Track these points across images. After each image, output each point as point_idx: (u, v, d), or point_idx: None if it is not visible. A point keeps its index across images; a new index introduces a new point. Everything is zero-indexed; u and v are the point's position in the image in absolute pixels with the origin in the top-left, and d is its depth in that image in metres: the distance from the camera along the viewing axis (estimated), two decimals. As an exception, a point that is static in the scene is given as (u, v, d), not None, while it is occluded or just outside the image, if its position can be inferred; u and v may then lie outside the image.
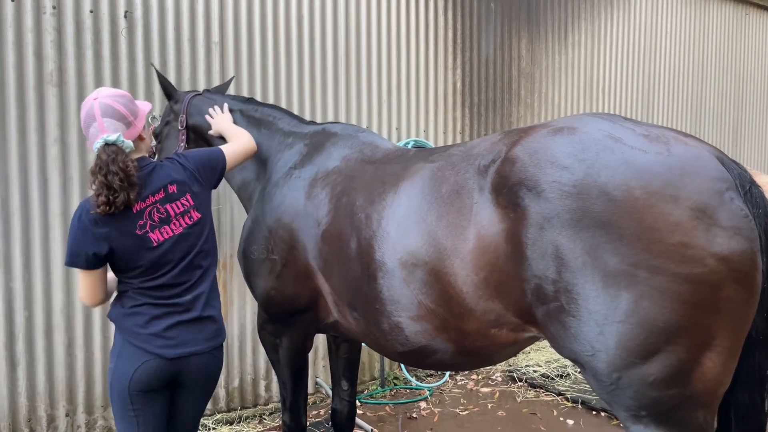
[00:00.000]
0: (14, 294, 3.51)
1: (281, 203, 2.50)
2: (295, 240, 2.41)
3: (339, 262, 2.21)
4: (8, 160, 3.46)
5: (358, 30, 4.67)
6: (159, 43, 3.89)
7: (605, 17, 6.39)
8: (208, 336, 2.23)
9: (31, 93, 3.51)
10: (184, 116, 3.09)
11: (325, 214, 2.31)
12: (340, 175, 2.37)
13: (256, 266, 2.55)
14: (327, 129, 2.67)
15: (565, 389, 4.76)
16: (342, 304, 2.27)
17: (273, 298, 2.51)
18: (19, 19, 3.46)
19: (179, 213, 2.21)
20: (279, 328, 2.58)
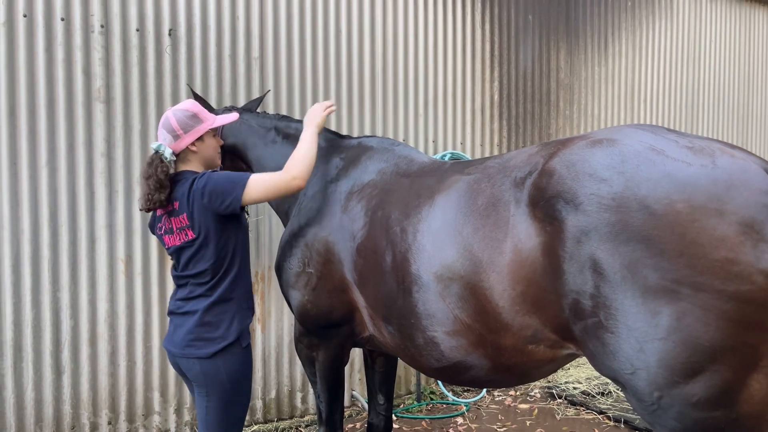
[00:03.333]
0: (61, 303, 3.63)
1: (317, 217, 2.52)
2: (330, 253, 2.43)
3: (374, 275, 2.21)
4: (57, 173, 3.59)
5: (395, 43, 4.70)
6: (201, 59, 3.99)
7: (647, 26, 6.28)
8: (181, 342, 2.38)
9: (79, 109, 3.64)
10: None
11: (360, 228, 2.31)
12: (376, 189, 2.38)
13: (292, 279, 2.57)
14: (363, 143, 2.69)
15: (606, 407, 4.64)
16: (377, 318, 2.27)
17: (309, 312, 2.53)
18: (68, 38, 3.61)
19: (178, 228, 2.41)
20: (315, 341, 2.59)
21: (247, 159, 3.12)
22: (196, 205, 2.34)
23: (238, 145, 3.13)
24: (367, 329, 2.44)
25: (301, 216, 2.61)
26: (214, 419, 2.38)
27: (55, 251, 3.60)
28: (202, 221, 2.35)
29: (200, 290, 2.40)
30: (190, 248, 2.39)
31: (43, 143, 3.55)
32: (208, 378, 2.36)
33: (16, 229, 3.49)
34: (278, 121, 3.10)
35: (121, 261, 3.77)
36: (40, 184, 3.55)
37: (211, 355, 2.34)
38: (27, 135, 3.51)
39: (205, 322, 2.38)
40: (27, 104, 3.50)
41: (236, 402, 2.41)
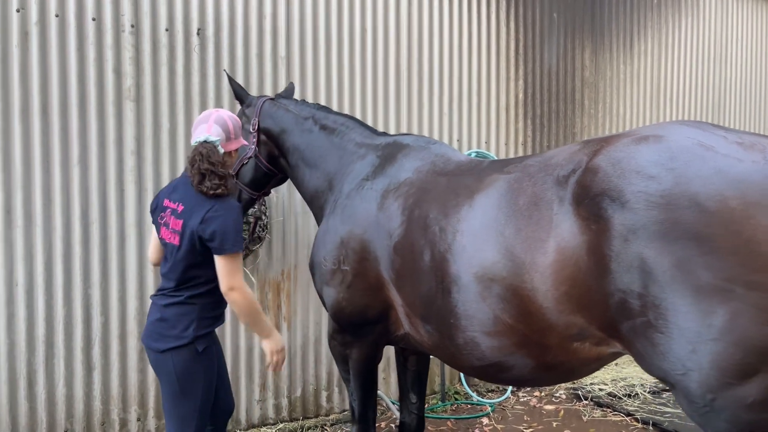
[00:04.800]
0: (92, 300, 3.66)
1: (353, 214, 2.51)
2: (366, 251, 2.42)
3: (412, 274, 2.20)
4: (89, 171, 3.62)
5: (420, 42, 4.69)
6: (229, 58, 4.00)
7: (672, 25, 6.20)
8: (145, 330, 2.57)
9: (110, 108, 3.67)
10: (257, 119, 3.15)
11: (397, 226, 2.30)
12: (412, 187, 2.36)
13: (327, 276, 2.56)
14: (398, 140, 2.68)
15: (634, 409, 4.59)
16: (414, 316, 2.26)
17: (343, 309, 2.52)
18: (99, 37, 3.64)
19: (172, 228, 2.51)
20: (349, 339, 2.58)
21: (281, 144, 3.10)
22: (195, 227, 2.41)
23: (274, 130, 3.12)
24: (402, 327, 2.43)
25: (337, 213, 2.60)
26: (167, 408, 2.56)
27: (86, 249, 3.63)
28: (190, 240, 2.44)
29: (168, 287, 2.53)
30: (176, 249, 2.50)
31: (75, 141, 3.58)
32: (159, 370, 2.53)
33: (48, 226, 3.53)
34: (317, 110, 3.09)
35: (150, 259, 3.78)
36: (72, 181, 3.58)
37: (162, 351, 2.48)
38: (59, 133, 3.54)
39: (164, 318, 2.51)
40: (59, 103, 3.54)
41: (186, 399, 2.51)
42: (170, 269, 2.50)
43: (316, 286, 2.72)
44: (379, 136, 2.84)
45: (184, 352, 2.46)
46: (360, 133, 2.86)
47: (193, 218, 2.41)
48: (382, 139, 2.76)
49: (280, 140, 3.10)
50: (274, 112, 3.14)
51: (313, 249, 2.71)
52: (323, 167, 2.89)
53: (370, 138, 2.82)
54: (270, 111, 3.16)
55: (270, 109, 3.17)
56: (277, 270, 4.19)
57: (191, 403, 2.52)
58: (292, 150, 3.05)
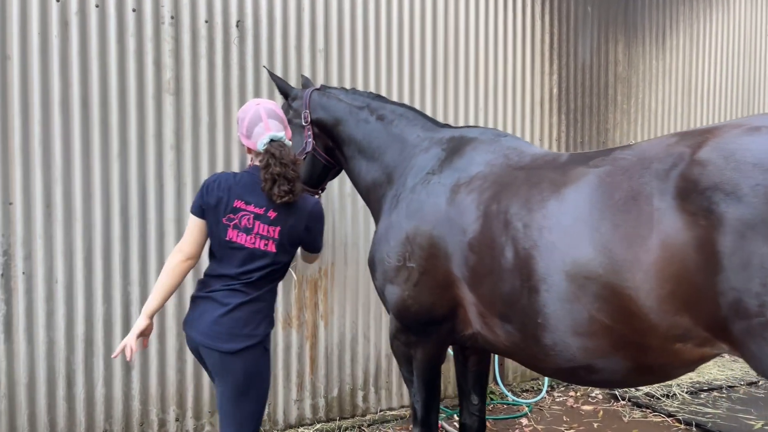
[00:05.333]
0: (131, 298, 3.57)
1: (420, 209, 2.42)
2: (435, 248, 2.33)
3: (491, 272, 2.12)
4: (128, 166, 3.54)
5: (456, 35, 4.60)
6: (267, 51, 3.91)
7: (704, 19, 6.11)
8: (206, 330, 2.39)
9: (150, 101, 3.58)
10: (307, 111, 3.04)
11: (472, 222, 2.21)
12: (486, 181, 2.27)
13: (390, 274, 2.48)
14: (465, 133, 2.58)
15: (674, 410, 4.50)
16: (491, 316, 2.17)
17: (409, 308, 2.43)
18: (139, 29, 3.55)
19: (260, 234, 2.41)
20: (413, 338, 2.50)
21: (336, 136, 3.00)
22: (294, 231, 2.43)
23: (327, 121, 3.02)
24: (471, 327, 2.34)
25: (400, 208, 2.51)
26: (227, 410, 2.42)
27: (125, 245, 3.54)
28: (288, 244, 2.45)
29: (238, 285, 2.41)
30: (262, 256, 2.42)
31: (115, 135, 3.50)
32: (224, 371, 2.39)
33: (88, 222, 3.44)
34: (372, 99, 2.98)
35: (189, 255, 3.70)
36: (112, 176, 3.50)
37: (234, 351, 2.36)
38: (99, 126, 3.46)
39: (236, 317, 2.39)
40: (99, 95, 3.45)
41: (249, 401, 2.43)
42: (247, 271, 2.40)
43: (376, 283, 2.64)
44: (442, 127, 2.74)
45: (255, 351, 2.39)
46: (421, 125, 2.76)
47: (295, 226, 2.43)
48: (446, 132, 2.67)
49: (335, 131, 3.00)
50: (325, 102, 3.04)
51: (374, 245, 2.62)
52: (382, 159, 2.80)
53: (433, 130, 2.72)
54: (320, 101, 3.05)
55: (320, 99, 3.06)
56: (314, 267, 4.11)
57: (253, 405, 2.44)
58: (347, 141, 2.96)
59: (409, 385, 2.62)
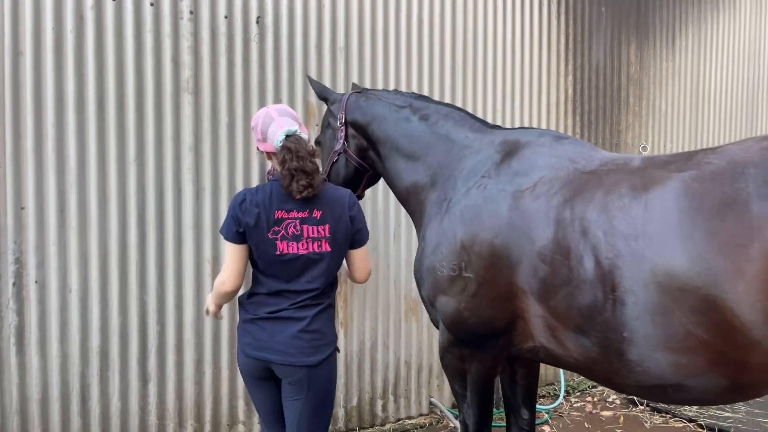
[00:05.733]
0: (148, 308, 3.40)
1: (477, 216, 2.29)
2: (497, 257, 2.21)
3: (566, 283, 2.01)
4: (145, 168, 3.36)
5: (475, 35, 4.50)
6: (288, 48, 3.76)
7: (711, 21, 6.10)
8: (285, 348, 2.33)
9: (168, 100, 3.41)
10: (343, 113, 2.93)
11: (541, 230, 2.10)
12: (553, 187, 2.16)
13: (443, 285, 2.35)
14: (520, 136, 2.45)
15: (694, 415, 4.46)
16: (564, 329, 2.06)
17: (465, 320, 2.31)
18: (157, 24, 3.37)
19: (311, 237, 2.35)
20: (467, 351, 2.38)
21: (370, 134, 2.87)
22: (342, 223, 2.40)
23: (361, 120, 2.90)
24: (533, 340, 2.23)
25: (453, 214, 2.38)
26: (308, 423, 2.37)
27: (142, 253, 3.37)
28: (341, 239, 2.41)
29: (306, 298, 2.36)
30: (317, 259, 2.37)
31: (132, 136, 3.32)
32: (313, 383, 2.35)
33: (103, 228, 3.26)
34: (414, 99, 2.85)
35: (208, 262, 3.54)
36: (128, 180, 3.32)
37: (319, 362, 2.34)
38: (115, 127, 3.28)
39: (314, 329, 2.37)
40: (115, 95, 3.27)
41: (329, 404, 2.45)
42: (311, 279, 2.34)
43: (423, 293, 2.51)
44: (492, 128, 2.60)
45: (333, 355, 2.42)
46: (470, 126, 2.63)
47: (342, 217, 2.39)
48: (499, 133, 2.54)
49: (369, 130, 2.87)
50: (363, 102, 2.92)
51: (422, 253, 2.48)
52: (425, 160, 2.66)
53: (482, 131, 2.59)
54: (357, 103, 2.94)
55: (357, 101, 2.95)
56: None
57: (331, 407, 2.46)
58: (383, 139, 2.82)
59: (460, 400, 2.50)
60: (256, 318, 2.37)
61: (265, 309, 2.34)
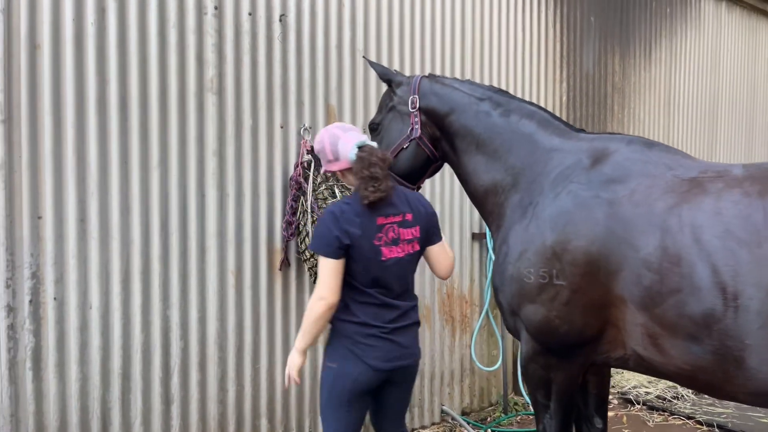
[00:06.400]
0: (171, 323, 3.16)
1: (569, 222, 2.25)
2: (594, 265, 2.18)
3: (676, 291, 1.99)
4: (169, 173, 3.13)
5: (482, 42, 4.49)
6: (309, 49, 3.62)
7: (681, 35, 6.40)
8: (413, 351, 2.53)
9: (192, 100, 3.19)
10: (416, 96, 2.76)
11: (645, 238, 2.08)
12: (652, 194, 2.14)
13: (532, 292, 2.29)
14: (609, 142, 2.41)
15: (690, 412, 4.63)
16: (670, 337, 2.04)
17: (556, 328, 2.27)
18: (181, 20, 3.15)
19: (407, 240, 2.45)
20: (553, 361, 2.33)
21: (447, 126, 2.73)
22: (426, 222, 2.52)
23: (439, 110, 2.74)
24: (624, 348, 2.21)
25: (541, 219, 2.32)
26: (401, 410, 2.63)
27: (165, 264, 3.13)
28: (426, 237, 2.53)
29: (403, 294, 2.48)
30: (410, 260, 2.47)
31: (155, 139, 3.08)
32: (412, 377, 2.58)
33: (126, 238, 3.01)
34: (494, 93, 2.72)
35: (232, 273, 3.34)
36: (152, 187, 3.07)
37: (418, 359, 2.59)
38: (138, 130, 3.03)
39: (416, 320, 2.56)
40: (139, 94, 3.02)
41: None
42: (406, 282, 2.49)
43: (504, 301, 2.43)
44: (578, 132, 2.56)
45: None
46: (555, 127, 2.55)
47: (426, 219, 2.51)
48: (585, 138, 2.50)
49: (447, 120, 2.72)
50: (439, 89, 2.77)
51: (505, 260, 2.41)
52: (506, 159, 2.57)
53: (568, 134, 2.53)
54: (432, 88, 2.77)
55: (431, 86, 2.78)
56: (353, 282, 3.83)
57: None
58: (462, 133, 2.69)
59: (541, 410, 2.44)
60: (380, 331, 2.38)
61: (381, 319, 2.38)
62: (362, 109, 3.85)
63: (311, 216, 3.34)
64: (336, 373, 2.38)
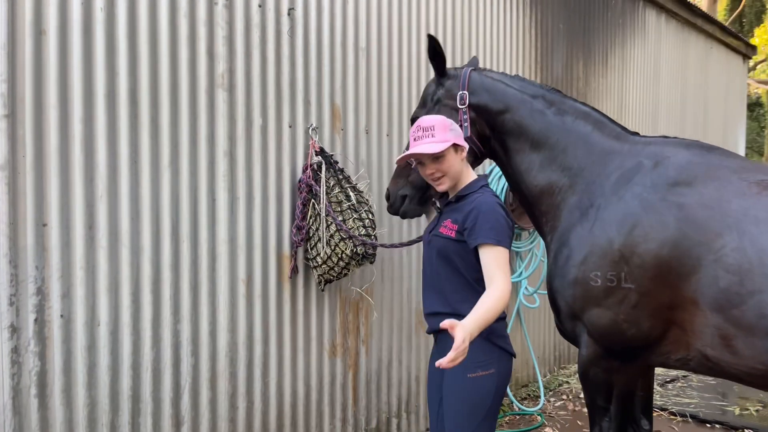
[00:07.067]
0: (181, 338, 2.91)
1: (636, 225, 2.25)
2: (664, 268, 2.19)
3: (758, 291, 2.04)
4: (180, 175, 2.88)
5: (470, 42, 4.50)
6: (316, 45, 3.46)
7: (630, 44, 6.72)
8: None
9: (203, 97, 2.96)
10: (465, 92, 2.66)
11: (721, 240, 2.11)
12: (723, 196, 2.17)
13: (599, 296, 2.28)
14: (667, 145, 2.43)
15: (662, 403, 4.85)
16: (746, 337, 2.08)
17: (624, 332, 2.27)
18: (192, 9, 2.91)
19: None
20: (616, 364, 2.34)
21: (499, 124, 2.67)
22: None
23: (492, 107, 2.66)
24: (687, 349, 2.25)
25: (606, 222, 2.31)
26: None
27: (176, 273, 2.88)
28: None
29: None
30: None
31: (166, 138, 2.82)
32: None
33: (136, 246, 2.73)
34: (547, 91, 2.67)
35: (242, 282, 3.13)
36: (162, 189, 2.82)
37: None
38: (149, 127, 2.76)
39: None
40: (149, 88, 2.76)
41: None
42: None
43: (568, 305, 2.39)
44: (632, 134, 2.56)
45: None
46: (611, 129, 2.55)
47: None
48: (642, 141, 2.50)
49: (500, 119, 2.65)
50: (490, 84, 2.68)
51: (568, 263, 2.38)
52: (562, 159, 2.54)
53: (625, 137, 2.53)
54: (484, 84, 2.68)
55: (482, 81, 2.69)
56: (356, 286, 3.70)
57: None
58: (516, 132, 2.63)
59: (600, 414, 2.44)
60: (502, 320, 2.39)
61: None
62: (365, 110, 3.73)
63: (326, 220, 3.18)
64: (498, 378, 2.29)
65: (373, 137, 3.79)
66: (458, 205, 2.40)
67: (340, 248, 3.16)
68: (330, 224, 3.18)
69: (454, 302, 2.37)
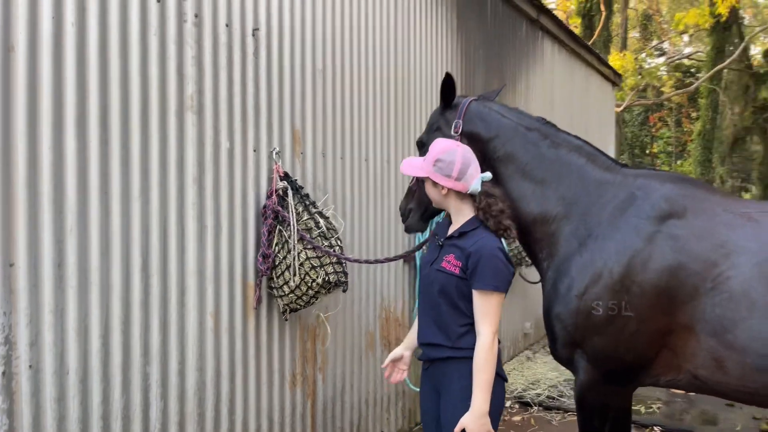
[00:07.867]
0: (150, 381, 2.69)
1: (635, 255, 2.40)
2: (662, 296, 2.35)
3: (748, 317, 2.24)
4: (150, 204, 2.66)
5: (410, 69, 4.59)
6: (278, 67, 3.36)
7: (532, 71, 7.20)
8: None
9: (172, 119, 2.76)
10: (460, 121, 2.74)
11: (716, 269, 2.29)
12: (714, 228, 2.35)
13: (600, 325, 2.40)
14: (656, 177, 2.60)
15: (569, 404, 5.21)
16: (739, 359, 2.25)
17: (622, 357, 2.41)
18: (163, 26, 2.71)
19: None
20: (613, 388, 2.48)
21: (490, 151, 2.74)
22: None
23: (483, 135, 2.75)
24: (678, 371, 2.38)
25: (605, 252, 2.44)
26: None
27: (146, 311, 2.66)
28: None
29: None
30: None
31: (137, 165, 2.60)
32: None
33: (105, 284, 2.48)
34: (543, 124, 2.80)
35: (210, 316, 2.96)
36: (133, 221, 2.59)
37: None
38: (120, 152, 2.53)
39: None
40: (120, 110, 2.53)
41: None
42: None
43: (569, 333, 2.49)
44: (623, 167, 2.70)
45: None
46: (603, 161, 2.69)
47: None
48: (631, 172, 2.64)
49: (490, 146, 2.74)
50: (486, 114, 2.77)
51: (569, 293, 2.48)
52: (556, 189, 2.64)
53: (616, 169, 2.66)
54: (479, 113, 2.77)
55: (479, 110, 2.78)
56: (313, 313, 3.63)
57: None
58: (505, 159, 2.72)
59: (595, 435, 2.58)
60: None
61: None
62: (321, 134, 3.68)
63: (297, 248, 3.09)
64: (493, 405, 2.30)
65: (329, 160, 3.74)
66: (460, 242, 2.43)
67: (310, 276, 3.09)
68: (300, 252, 3.09)
69: (455, 337, 2.42)
